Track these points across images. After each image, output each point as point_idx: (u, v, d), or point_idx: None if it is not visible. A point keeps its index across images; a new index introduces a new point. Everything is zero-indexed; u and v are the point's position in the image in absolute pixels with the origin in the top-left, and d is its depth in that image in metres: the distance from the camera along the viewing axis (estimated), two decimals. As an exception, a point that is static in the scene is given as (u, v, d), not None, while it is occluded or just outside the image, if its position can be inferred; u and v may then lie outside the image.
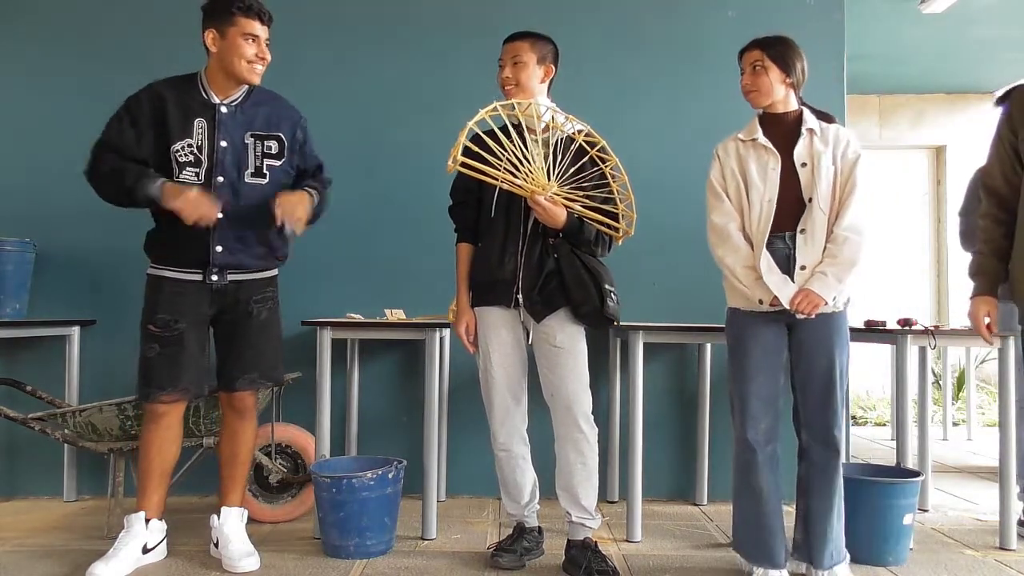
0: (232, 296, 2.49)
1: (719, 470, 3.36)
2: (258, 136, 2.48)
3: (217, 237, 2.41)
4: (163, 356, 2.41)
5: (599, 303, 2.38)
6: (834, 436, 2.30)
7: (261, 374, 2.54)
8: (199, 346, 2.47)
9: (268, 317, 2.55)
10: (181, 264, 2.44)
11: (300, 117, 2.61)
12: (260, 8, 2.42)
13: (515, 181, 2.35)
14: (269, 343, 2.56)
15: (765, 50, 2.34)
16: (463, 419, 3.39)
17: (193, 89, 2.43)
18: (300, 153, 2.59)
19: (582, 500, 2.44)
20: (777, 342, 2.32)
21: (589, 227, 2.42)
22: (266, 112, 2.51)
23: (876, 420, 6.07)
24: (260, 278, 2.54)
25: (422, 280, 3.40)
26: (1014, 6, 4.94)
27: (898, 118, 6.91)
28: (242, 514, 2.57)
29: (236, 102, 2.47)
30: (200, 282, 2.43)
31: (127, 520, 2.45)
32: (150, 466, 2.46)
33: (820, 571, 2.32)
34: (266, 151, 2.49)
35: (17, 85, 3.52)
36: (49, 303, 3.41)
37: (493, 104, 2.37)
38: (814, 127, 2.33)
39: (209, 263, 2.41)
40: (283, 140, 2.52)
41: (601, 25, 3.54)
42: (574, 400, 2.42)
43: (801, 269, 2.26)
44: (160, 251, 2.46)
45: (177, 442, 2.52)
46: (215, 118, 2.42)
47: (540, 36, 2.50)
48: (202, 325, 2.49)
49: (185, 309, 2.43)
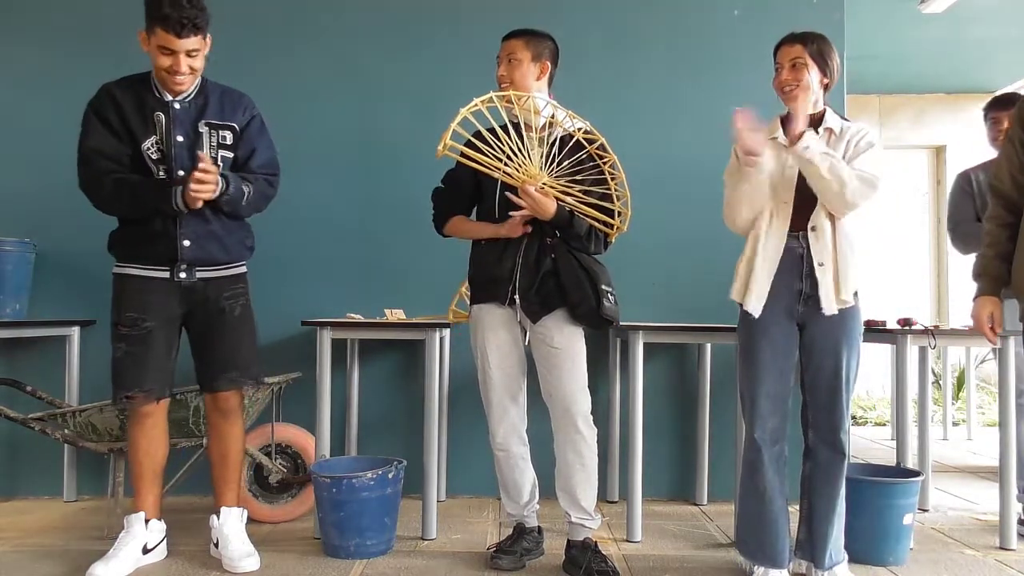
0: (201, 294, 2.45)
1: (719, 470, 3.36)
2: (212, 125, 2.44)
3: (183, 231, 2.37)
4: (129, 356, 2.39)
5: (595, 303, 2.37)
6: (840, 438, 2.29)
7: (241, 372, 2.50)
8: (166, 346, 2.44)
9: (241, 313, 2.51)
10: (148, 261, 2.41)
11: (253, 105, 2.56)
12: (181, 20, 2.25)
13: (505, 170, 2.34)
14: (244, 340, 2.52)
15: (806, 46, 2.29)
16: (463, 419, 3.39)
17: (146, 88, 2.42)
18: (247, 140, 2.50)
19: (581, 501, 2.44)
20: (788, 342, 2.31)
21: (580, 221, 2.41)
22: (218, 101, 2.46)
23: (876, 420, 6.07)
24: (230, 274, 2.51)
25: (422, 280, 3.40)
26: (1014, 6, 4.94)
27: (898, 118, 6.91)
28: (242, 514, 2.57)
29: (189, 97, 2.43)
30: (168, 279, 2.41)
31: (127, 521, 2.45)
32: (140, 467, 2.46)
33: (820, 571, 2.32)
34: (221, 141, 2.45)
35: (17, 85, 3.52)
36: (49, 303, 3.41)
37: (489, 94, 2.35)
38: (834, 127, 2.31)
39: (177, 259, 2.38)
40: (236, 130, 2.48)
41: (601, 25, 3.54)
42: (572, 401, 2.42)
43: (820, 266, 2.25)
44: (125, 249, 2.44)
45: (164, 441, 2.51)
46: (170, 114, 2.40)
47: (537, 33, 2.49)
48: (171, 324, 2.45)
49: (153, 307, 2.40)
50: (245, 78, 3.45)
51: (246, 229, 2.58)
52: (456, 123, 2.29)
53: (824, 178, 2.18)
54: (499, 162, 2.33)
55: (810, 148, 2.17)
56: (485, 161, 2.33)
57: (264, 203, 2.56)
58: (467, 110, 2.31)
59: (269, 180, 2.55)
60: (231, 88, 2.55)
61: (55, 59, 3.52)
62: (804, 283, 2.28)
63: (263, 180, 2.52)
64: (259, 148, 2.53)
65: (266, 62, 3.50)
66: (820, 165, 2.17)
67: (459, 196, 2.54)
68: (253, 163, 2.51)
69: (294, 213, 3.45)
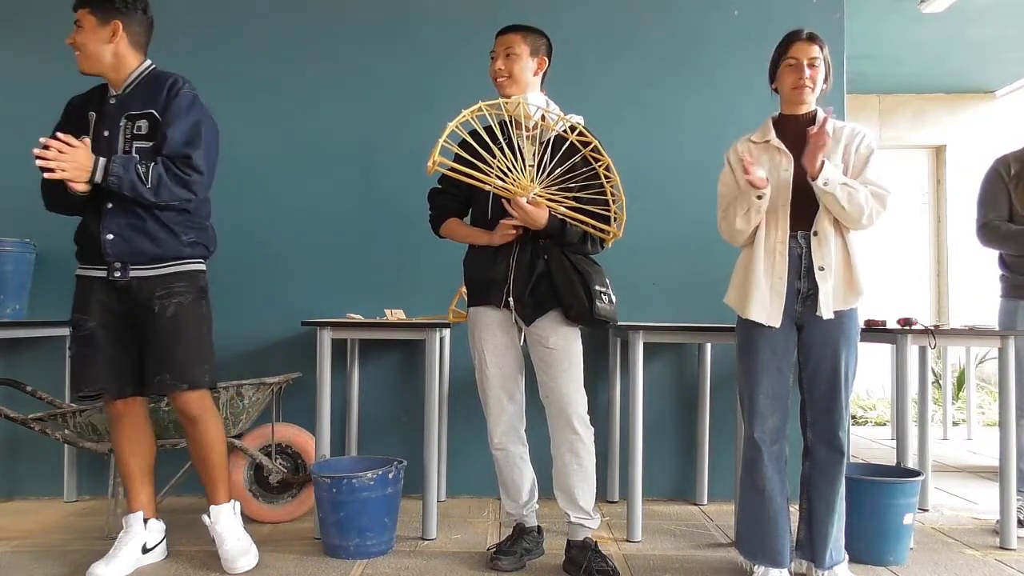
0: (136, 294, 2.38)
1: (719, 470, 3.36)
2: (131, 116, 2.37)
3: (106, 225, 2.34)
4: (78, 356, 2.39)
5: (588, 305, 2.36)
6: (839, 438, 2.30)
7: (173, 376, 2.36)
8: (115, 345, 2.39)
9: (176, 314, 2.38)
10: (87, 260, 2.41)
11: (180, 85, 2.38)
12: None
13: (496, 183, 2.33)
14: (179, 343, 2.38)
15: (822, 48, 2.30)
16: (463, 419, 3.39)
17: (100, 89, 2.44)
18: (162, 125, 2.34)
19: (579, 500, 2.44)
20: (786, 341, 2.31)
21: (572, 230, 2.40)
22: (145, 90, 2.39)
23: (876, 420, 6.07)
24: (163, 273, 2.39)
25: (422, 280, 3.40)
26: (1013, 6, 4.94)
27: (898, 118, 6.91)
28: (234, 507, 2.53)
29: (126, 89, 2.40)
30: (104, 278, 2.38)
31: (126, 521, 2.45)
32: (128, 468, 2.46)
33: (820, 571, 2.32)
34: (136, 132, 2.35)
35: (17, 85, 3.52)
36: (49, 303, 3.40)
37: (478, 104, 2.34)
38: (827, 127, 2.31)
39: (104, 253, 2.34)
40: (156, 117, 2.36)
41: (600, 25, 3.54)
42: (568, 402, 2.41)
43: (820, 270, 2.26)
44: (77, 249, 2.44)
45: (149, 439, 2.49)
46: (103, 110, 2.39)
47: (533, 29, 2.49)
48: (115, 322, 2.40)
49: (93, 306, 2.38)
50: (246, 78, 3.49)
51: (189, 227, 2.43)
52: (444, 137, 2.28)
53: (844, 209, 2.21)
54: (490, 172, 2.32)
55: (830, 183, 2.19)
56: (476, 175, 2.32)
57: (179, 190, 2.33)
58: (455, 123, 2.30)
59: (177, 164, 2.32)
60: (163, 72, 2.44)
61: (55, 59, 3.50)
62: (802, 283, 2.28)
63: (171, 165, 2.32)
64: (171, 133, 2.33)
65: (267, 63, 3.50)
66: (840, 197, 2.20)
67: (454, 198, 2.55)
68: (164, 149, 2.33)
69: (294, 213, 3.46)
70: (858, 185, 2.23)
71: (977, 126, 6.79)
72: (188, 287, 2.43)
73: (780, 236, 2.28)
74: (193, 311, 2.43)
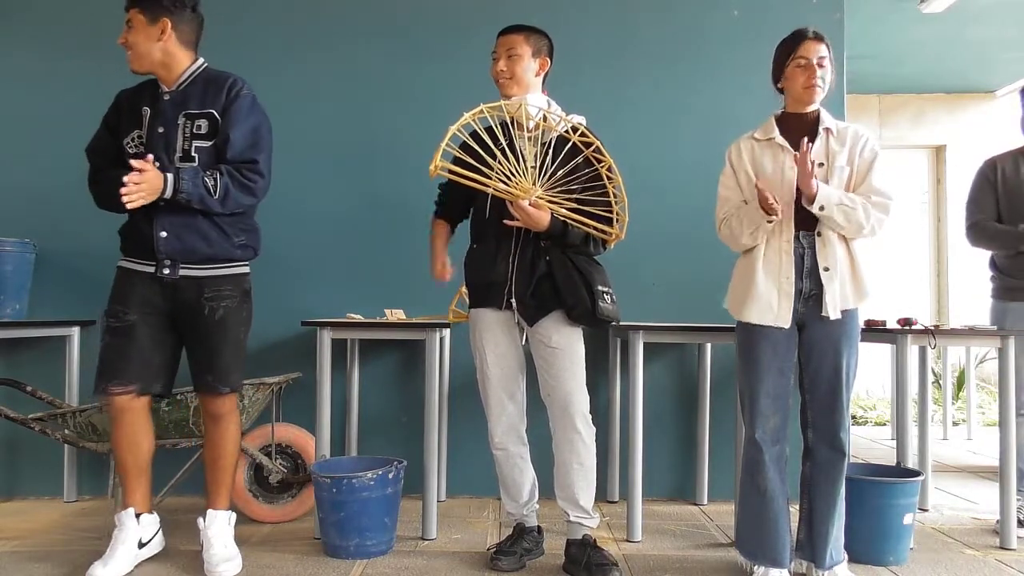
0: (184, 292, 2.39)
1: (719, 470, 3.36)
2: (190, 115, 2.38)
3: (159, 222, 2.33)
4: (111, 347, 2.38)
5: (591, 305, 2.37)
6: (840, 438, 2.30)
7: (216, 378, 2.41)
8: (151, 340, 2.39)
9: (224, 317, 2.41)
10: (134, 254, 2.41)
11: (240, 86, 2.42)
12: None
13: (498, 186, 2.33)
14: (224, 346, 2.42)
15: (830, 48, 2.29)
16: (463, 419, 3.39)
17: (150, 85, 2.44)
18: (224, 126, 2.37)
19: (580, 499, 2.44)
20: (787, 341, 2.31)
21: (574, 231, 2.40)
22: (202, 88, 2.40)
23: (876, 420, 6.07)
24: (214, 275, 2.41)
25: (422, 280, 3.36)
26: (1013, 6, 4.94)
27: (898, 118, 6.92)
28: (229, 518, 2.52)
29: (181, 87, 2.41)
30: (152, 274, 2.38)
31: (118, 519, 2.44)
32: (125, 464, 2.45)
33: (820, 571, 2.32)
34: (196, 131, 2.37)
35: (17, 85, 3.52)
36: (49, 303, 3.41)
37: (479, 107, 2.34)
38: (831, 126, 2.31)
39: (156, 250, 2.35)
40: (216, 117, 2.38)
41: (600, 25, 3.54)
42: (570, 400, 2.42)
43: (825, 271, 2.26)
44: (123, 242, 2.45)
45: (148, 436, 2.47)
46: (157, 106, 2.40)
47: (535, 29, 2.49)
48: (155, 319, 2.40)
49: (135, 300, 2.37)
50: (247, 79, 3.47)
51: (241, 229, 2.47)
52: (446, 140, 2.29)
53: (842, 227, 2.24)
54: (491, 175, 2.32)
55: (826, 207, 2.21)
56: (477, 179, 2.32)
57: (245, 197, 2.39)
58: (457, 126, 2.31)
59: (242, 172, 2.37)
60: (221, 72, 2.46)
61: (57, 60, 3.51)
62: (804, 283, 2.28)
63: (232, 170, 2.36)
64: (233, 135, 2.37)
65: (267, 63, 3.49)
66: (837, 219, 2.22)
67: (455, 198, 2.56)
68: (228, 153, 2.37)
69: (295, 213, 3.45)
70: (856, 201, 2.23)
71: (977, 126, 6.79)
72: (235, 290, 2.46)
73: (786, 236, 2.28)
74: (238, 315, 2.47)
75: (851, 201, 2.22)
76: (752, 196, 2.31)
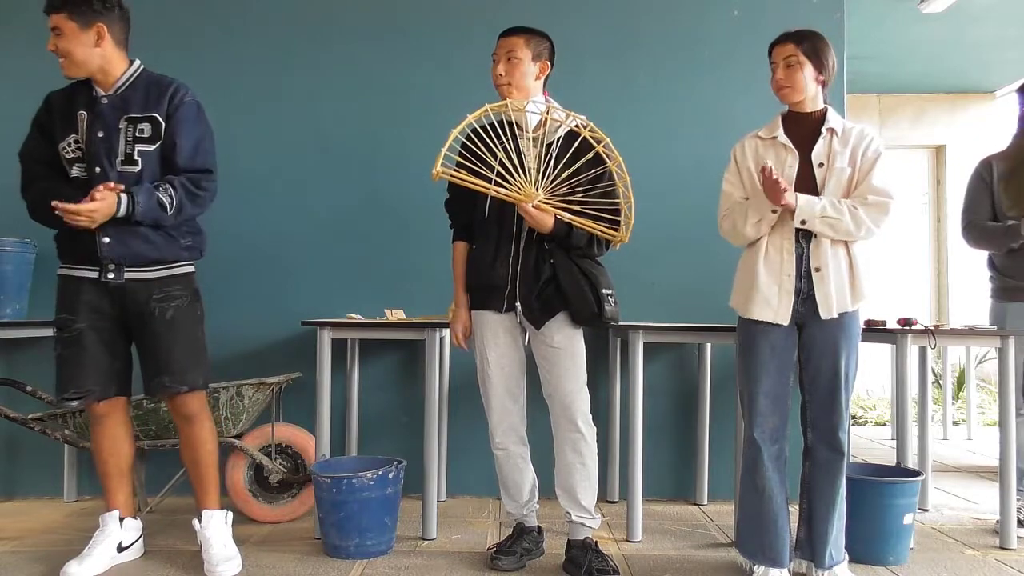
0: (131, 296, 2.36)
1: (719, 470, 3.36)
2: (132, 119, 2.33)
3: (103, 228, 2.28)
4: (64, 357, 2.36)
5: (597, 309, 2.37)
6: (839, 438, 2.29)
7: (172, 378, 2.37)
8: (102, 347, 2.37)
9: (174, 317, 2.38)
10: (76, 261, 2.36)
11: (184, 92, 2.38)
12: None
13: (499, 191, 2.33)
14: (177, 345, 2.38)
15: (799, 44, 2.29)
16: (463, 419, 3.39)
17: (84, 87, 2.38)
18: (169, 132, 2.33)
19: (581, 500, 2.44)
20: (787, 341, 2.31)
21: (579, 234, 2.39)
22: (144, 92, 2.35)
23: (876, 420, 6.07)
24: (161, 276, 2.38)
25: (422, 280, 3.40)
26: (1014, 6, 4.94)
27: (898, 118, 6.92)
28: (225, 516, 2.51)
29: (119, 90, 2.36)
30: (96, 280, 2.34)
31: (102, 519, 2.44)
32: (106, 467, 2.45)
33: (820, 571, 2.32)
34: (138, 135, 2.32)
35: (17, 85, 3.52)
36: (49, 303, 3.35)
37: (484, 107, 2.34)
38: (836, 127, 2.31)
39: (100, 256, 2.30)
40: (158, 121, 2.33)
41: (600, 26, 3.54)
42: (571, 400, 2.42)
43: (816, 271, 2.26)
44: (61, 248, 2.41)
45: (128, 439, 2.48)
46: (95, 109, 2.34)
47: (536, 32, 2.47)
48: (105, 324, 2.38)
49: (81, 308, 2.35)
50: (246, 78, 3.49)
51: (186, 231, 2.43)
52: (449, 144, 2.28)
53: (831, 236, 2.24)
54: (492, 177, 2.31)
55: (807, 221, 2.22)
56: (480, 183, 2.32)
57: (198, 207, 2.38)
58: (459, 128, 2.30)
59: (193, 180, 2.36)
60: (162, 76, 2.41)
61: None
62: (803, 283, 2.28)
63: (186, 182, 2.34)
64: (180, 141, 2.34)
65: (267, 63, 3.50)
66: (822, 229, 2.23)
67: (461, 208, 2.54)
68: (177, 160, 2.35)
69: (294, 213, 3.46)
70: (843, 210, 2.22)
71: (977, 126, 6.79)
72: (184, 289, 2.43)
73: (787, 234, 2.28)
74: (190, 313, 2.44)
75: (836, 211, 2.22)
76: (753, 194, 2.31)
